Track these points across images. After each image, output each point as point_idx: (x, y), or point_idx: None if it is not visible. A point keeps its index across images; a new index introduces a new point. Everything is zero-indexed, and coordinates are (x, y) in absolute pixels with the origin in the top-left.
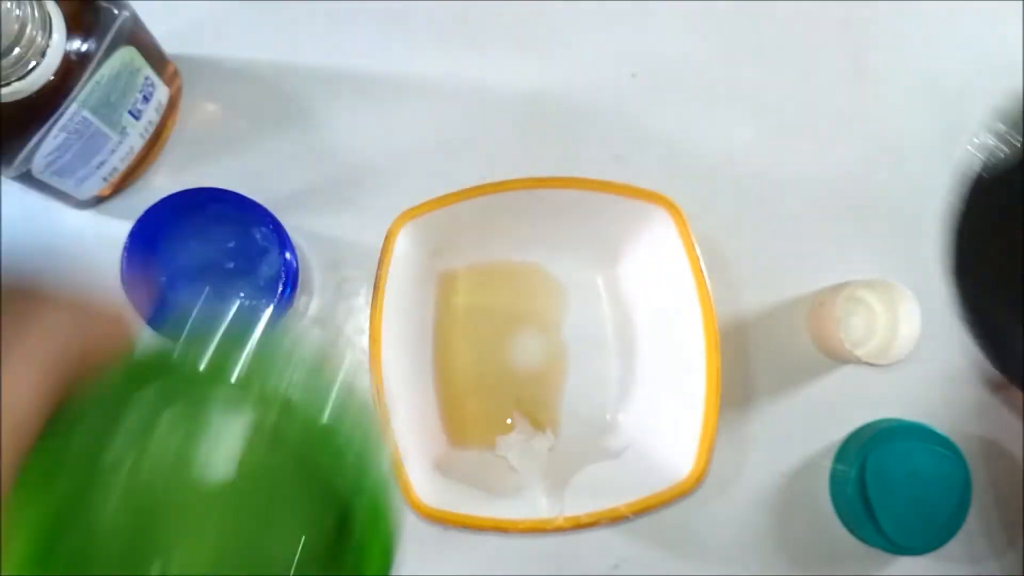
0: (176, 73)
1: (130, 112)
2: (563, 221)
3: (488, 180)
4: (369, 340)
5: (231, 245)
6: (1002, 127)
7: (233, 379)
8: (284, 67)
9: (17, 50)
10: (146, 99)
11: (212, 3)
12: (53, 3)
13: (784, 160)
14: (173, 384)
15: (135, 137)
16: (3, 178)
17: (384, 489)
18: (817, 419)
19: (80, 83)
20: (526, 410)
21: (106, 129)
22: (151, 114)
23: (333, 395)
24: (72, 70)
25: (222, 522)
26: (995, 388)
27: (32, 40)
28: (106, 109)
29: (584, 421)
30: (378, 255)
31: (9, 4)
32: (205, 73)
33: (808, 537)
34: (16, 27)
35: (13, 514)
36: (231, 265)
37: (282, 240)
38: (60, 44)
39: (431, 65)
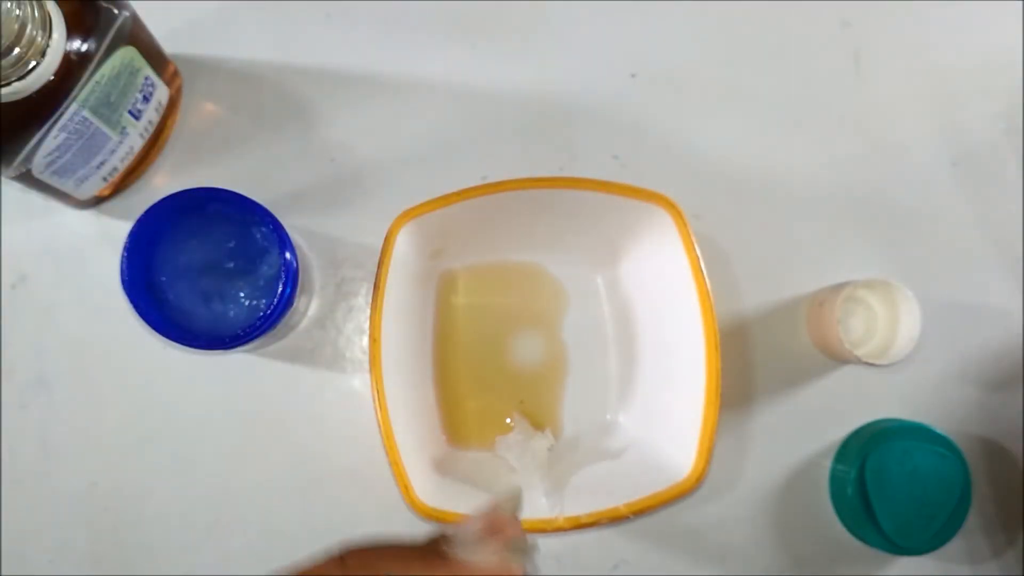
0: (176, 73)
1: (130, 112)
2: (563, 221)
3: (488, 180)
4: (369, 340)
5: (231, 245)
6: None
7: None
8: (284, 67)
9: (17, 50)
10: (146, 99)
11: (212, 3)
12: (53, 3)
13: (784, 160)
14: None
15: (135, 137)
16: (3, 178)
17: None
18: (817, 419)
19: (80, 83)
20: (526, 410)
21: (106, 129)
22: (151, 114)
23: None
24: (72, 70)
25: None
26: (995, 388)
27: (32, 40)
28: (106, 109)
29: (584, 421)
30: (378, 255)
31: (9, 4)
32: (205, 73)
33: (808, 537)
34: (16, 27)
35: None
36: (231, 265)
37: (282, 240)
38: (60, 44)
39: (431, 65)
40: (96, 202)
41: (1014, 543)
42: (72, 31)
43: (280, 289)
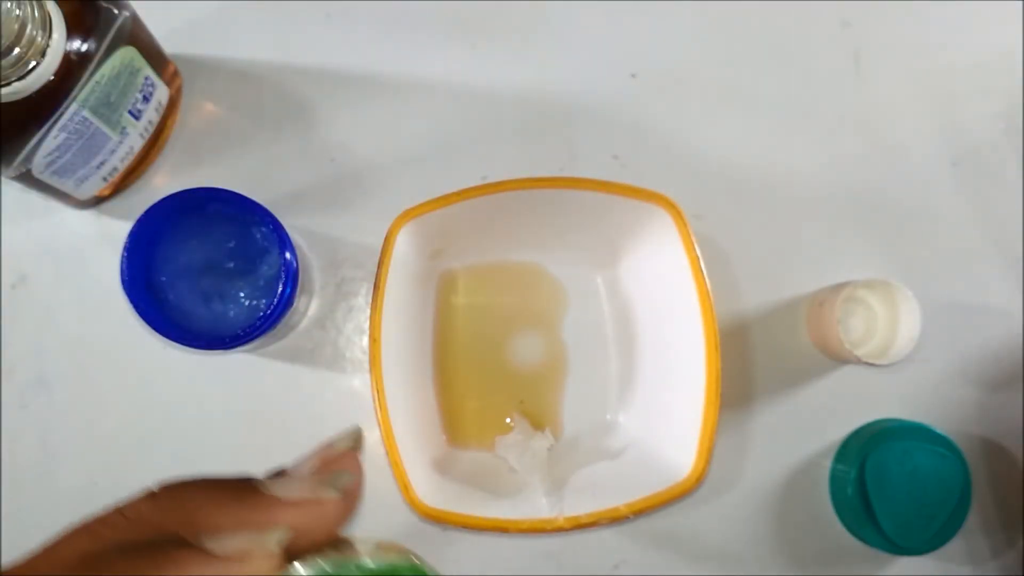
0: (176, 73)
1: (130, 112)
2: (563, 221)
3: (488, 180)
4: (369, 340)
5: (231, 245)
6: None
7: None
8: (284, 67)
9: (17, 50)
10: (146, 99)
11: (212, 3)
12: (53, 3)
13: (784, 160)
14: None
15: (135, 137)
16: (3, 178)
17: None
18: (817, 419)
19: (80, 83)
20: (526, 410)
21: (106, 129)
22: (151, 114)
23: None
24: (72, 70)
25: None
26: (995, 388)
27: (32, 40)
28: (106, 109)
29: (584, 421)
30: (378, 255)
31: (9, 4)
32: (205, 73)
33: (808, 537)
34: (16, 27)
35: None
36: (231, 265)
37: (282, 240)
38: (60, 44)
39: (431, 65)
40: (96, 202)
41: (1014, 543)
42: (72, 31)
43: (280, 289)
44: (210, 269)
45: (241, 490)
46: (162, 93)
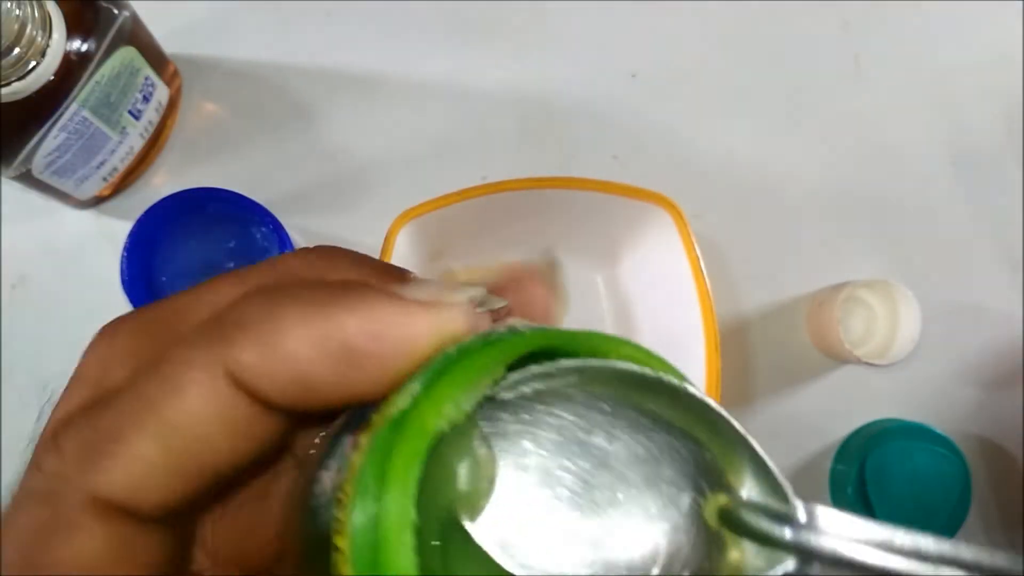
0: (176, 73)
1: (130, 112)
2: (563, 221)
3: (488, 180)
4: None
5: (231, 245)
6: None
7: None
8: (284, 67)
9: (17, 50)
10: (146, 99)
11: (212, 3)
12: (53, 3)
13: (784, 160)
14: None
15: (135, 137)
16: (3, 178)
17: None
18: (817, 419)
19: (80, 83)
20: None
21: (106, 129)
22: (151, 114)
23: None
24: (72, 70)
25: None
26: (995, 388)
27: (32, 40)
28: (106, 109)
29: None
30: (378, 255)
31: (9, 4)
32: (205, 73)
33: None
34: (16, 27)
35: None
36: (231, 265)
37: (282, 240)
38: (60, 44)
39: (431, 65)
40: (96, 202)
41: (1014, 543)
42: (72, 31)
43: None
44: (210, 269)
45: (391, 270)
46: (162, 93)
